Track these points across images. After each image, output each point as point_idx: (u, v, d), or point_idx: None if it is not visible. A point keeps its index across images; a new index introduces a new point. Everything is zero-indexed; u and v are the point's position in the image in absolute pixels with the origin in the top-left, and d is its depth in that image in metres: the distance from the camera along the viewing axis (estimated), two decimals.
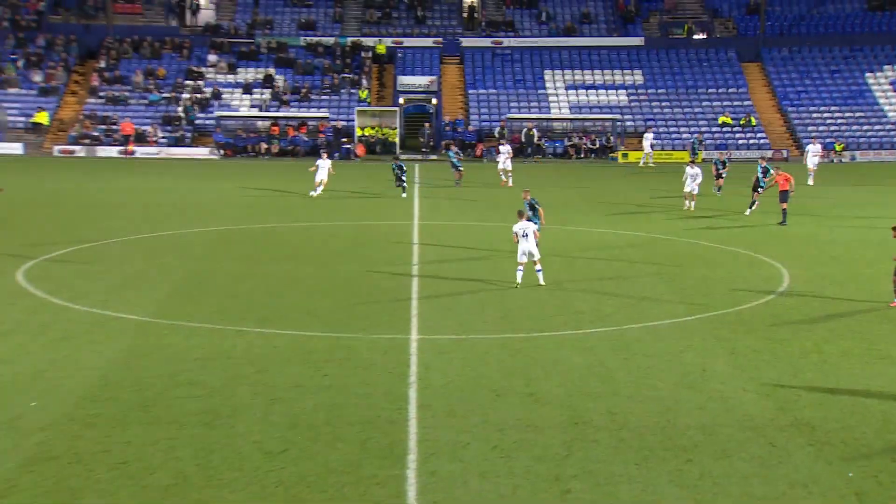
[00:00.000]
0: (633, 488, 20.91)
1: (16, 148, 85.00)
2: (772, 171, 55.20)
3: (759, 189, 55.82)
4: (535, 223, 40.04)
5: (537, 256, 37.36)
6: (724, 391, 27.07)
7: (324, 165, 62.94)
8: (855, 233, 52.38)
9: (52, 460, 22.21)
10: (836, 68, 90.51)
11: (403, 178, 61.72)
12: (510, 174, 68.60)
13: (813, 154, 70.25)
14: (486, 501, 20.35)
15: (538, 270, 37.62)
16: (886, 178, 75.50)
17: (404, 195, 60.89)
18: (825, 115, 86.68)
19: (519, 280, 37.29)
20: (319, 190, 61.62)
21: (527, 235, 36.89)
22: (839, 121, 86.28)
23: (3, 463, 22.04)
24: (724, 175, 62.63)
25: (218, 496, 20.42)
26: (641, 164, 79.66)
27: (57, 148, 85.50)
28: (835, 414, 25.23)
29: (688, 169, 55.68)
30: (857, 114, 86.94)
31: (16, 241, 46.78)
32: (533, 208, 42.11)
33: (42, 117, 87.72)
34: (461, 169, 68.43)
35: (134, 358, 29.45)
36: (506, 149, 70.07)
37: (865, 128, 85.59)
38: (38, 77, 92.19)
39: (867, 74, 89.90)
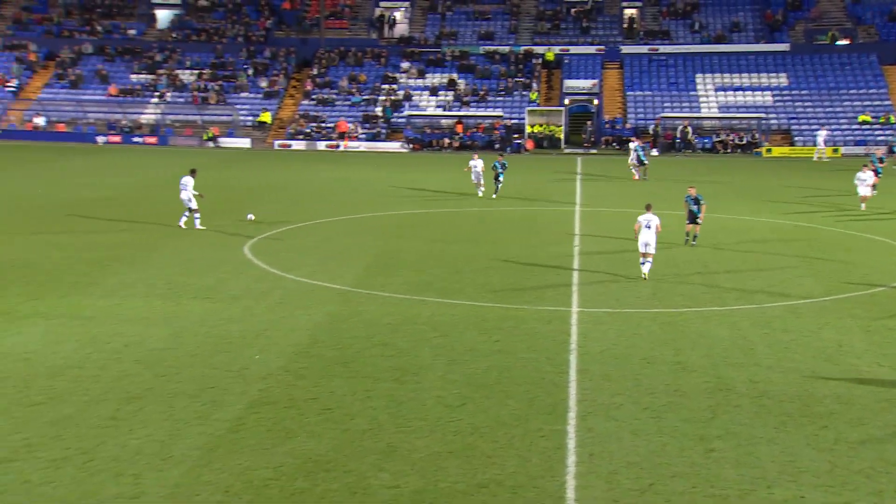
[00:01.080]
0: (772, 449, 21.00)
1: (244, 143, 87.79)
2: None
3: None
4: (697, 216, 40.68)
5: (653, 250, 35.85)
6: (859, 365, 26.81)
7: (476, 166, 59.05)
8: None
9: (271, 404, 23.26)
10: None
11: (501, 177, 55.74)
12: (637, 167, 67.00)
13: None
14: (637, 456, 20.60)
15: (643, 263, 36.00)
16: None
17: (494, 196, 55.31)
18: None
19: (645, 272, 35.96)
20: (481, 192, 58.44)
21: (650, 227, 35.60)
22: None
23: (234, 404, 23.20)
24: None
25: (406, 441, 21.14)
26: (815, 159, 77.50)
27: (276, 142, 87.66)
28: None
29: (859, 174, 52.03)
30: None
31: (242, 222, 48.11)
32: (697, 202, 41.30)
33: (265, 117, 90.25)
34: (646, 163, 66.94)
35: (336, 321, 30.44)
36: (634, 145, 68.24)
37: None
38: (263, 83, 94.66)
39: None
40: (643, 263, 36.08)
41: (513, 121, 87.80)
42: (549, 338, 28.88)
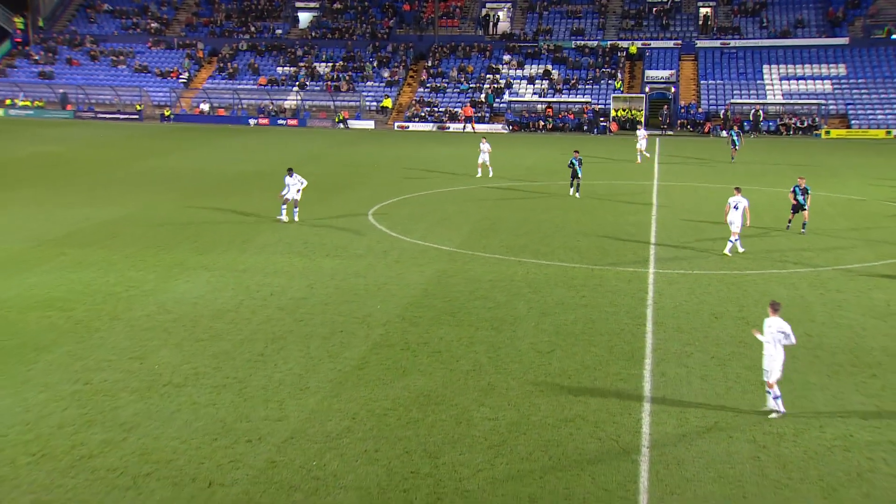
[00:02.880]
0: (824, 394, 20.79)
1: (369, 124, 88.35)
2: None
3: None
4: (804, 205, 37.31)
5: (738, 228, 33.73)
6: None
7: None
8: None
9: (390, 347, 23.49)
10: None
11: (580, 173, 46.50)
12: (644, 152, 63.25)
13: None
14: (705, 398, 20.46)
15: (731, 241, 33.94)
16: None
17: (577, 194, 46.79)
18: None
19: (727, 251, 33.79)
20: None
21: (738, 208, 33.65)
22: None
23: (359, 346, 23.53)
24: None
25: (503, 381, 21.20)
26: None
27: (396, 124, 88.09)
28: None
29: None
30: None
31: (368, 192, 48.60)
32: (805, 192, 37.80)
33: (387, 102, 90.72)
34: (738, 146, 63.72)
35: (444, 277, 30.54)
36: (642, 132, 65.20)
37: None
38: (385, 73, 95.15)
39: None
40: (730, 242, 34.11)
41: (600, 106, 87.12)
42: (628, 294, 28.70)
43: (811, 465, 17.21)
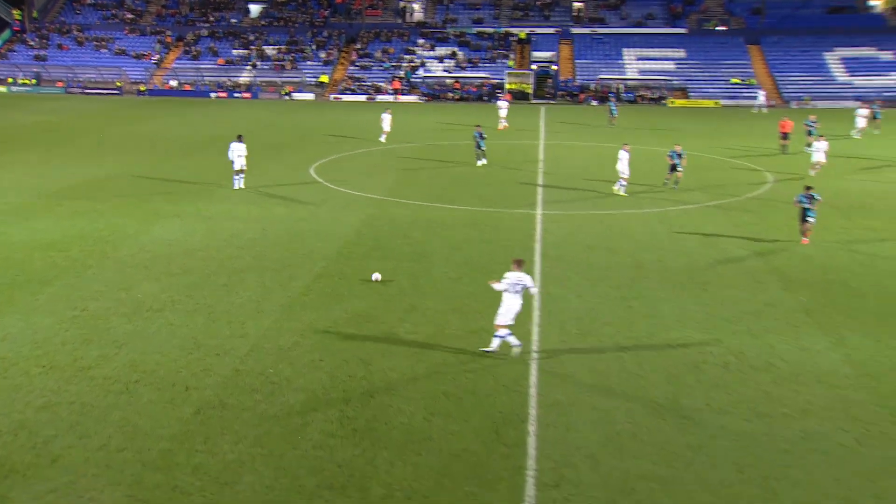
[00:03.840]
0: (669, 305, 21.38)
1: (310, 96, 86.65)
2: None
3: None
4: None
5: (626, 174, 34.89)
6: (728, 248, 27.07)
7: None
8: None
9: (330, 277, 23.55)
10: (806, 49, 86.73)
11: (483, 145, 42.89)
12: (504, 121, 59.19)
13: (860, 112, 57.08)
14: (580, 312, 20.92)
15: (621, 183, 35.21)
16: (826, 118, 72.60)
17: (481, 162, 42.98)
18: (798, 80, 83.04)
19: (620, 190, 35.27)
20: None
21: (622, 158, 34.85)
22: (801, 83, 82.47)
23: (305, 277, 23.50)
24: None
25: (422, 302, 21.42)
26: (754, 112, 74.82)
27: (332, 96, 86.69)
28: (795, 262, 25.09)
29: (815, 143, 40.84)
30: (812, 81, 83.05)
31: (310, 151, 48.11)
32: (680, 156, 36.36)
33: (324, 78, 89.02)
34: (615, 115, 62.71)
35: (373, 220, 30.54)
36: (504, 102, 62.36)
37: (820, 88, 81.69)
38: (322, 54, 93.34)
39: (825, 54, 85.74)
40: (620, 184, 35.48)
41: (497, 80, 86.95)
42: (521, 232, 29.04)
43: (657, 359, 17.80)
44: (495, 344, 17.68)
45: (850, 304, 21.58)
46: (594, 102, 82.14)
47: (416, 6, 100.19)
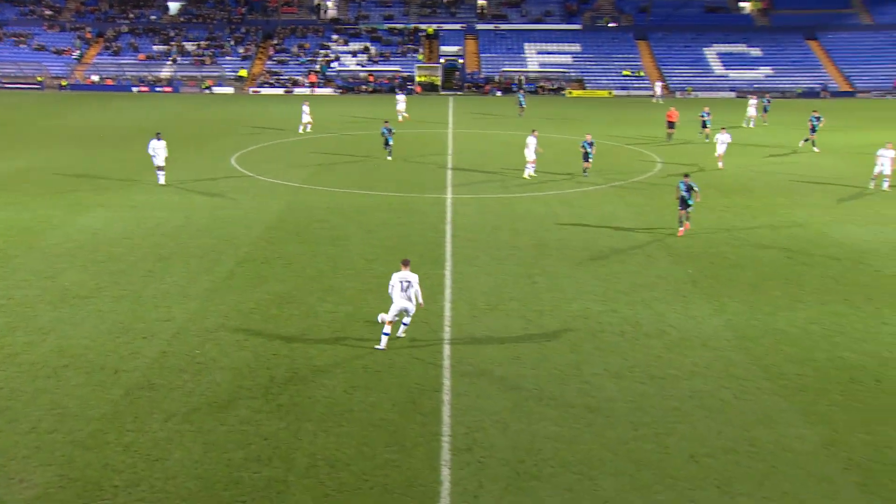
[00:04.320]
0: (570, 281, 21.69)
1: (229, 90, 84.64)
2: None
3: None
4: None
5: (532, 157, 35.72)
6: (623, 226, 27.60)
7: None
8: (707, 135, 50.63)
9: (252, 261, 23.19)
10: (687, 45, 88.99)
11: (391, 141, 40.98)
12: (404, 113, 57.26)
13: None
14: (488, 288, 21.06)
15: (529, 168, 36.60)
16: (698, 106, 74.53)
17: (389, 158, 41.02)
18: (681, 73, 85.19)
19: (526, 174, 35.87)
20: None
21: (529, 145, 35.48)
22: (684, 76, 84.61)
23: (229, 261, 23.07)
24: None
25: (340, 283, 21.28)
26: (654, 101, 75.82)
27: (251, 89, 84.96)
28: (682, 238, 25.72)
29: (719, 135, 38.89)
30: (694, 73, 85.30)
31: (230, 142, 47.15)
32: (591, 144, 35.93)
33: (243, 73, 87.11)
34: (524, 106, 62.49)
35: (292, 206, 30.17)
36: (402, 95, 59.87)
37: (700, 80, 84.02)
38: (241, 50, 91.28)
39: (704, 49, 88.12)
40: (529, 168, 36.22)
41: (407, 73, 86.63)
42: (432, 215, 29.06)
43: (561, 330, 18.10)
44: (383, 342, 16.86)
45: (730, 274, 22.29)
46: (499, 93, 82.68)
47: (329, 3, 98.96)
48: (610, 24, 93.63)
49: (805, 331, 18.27)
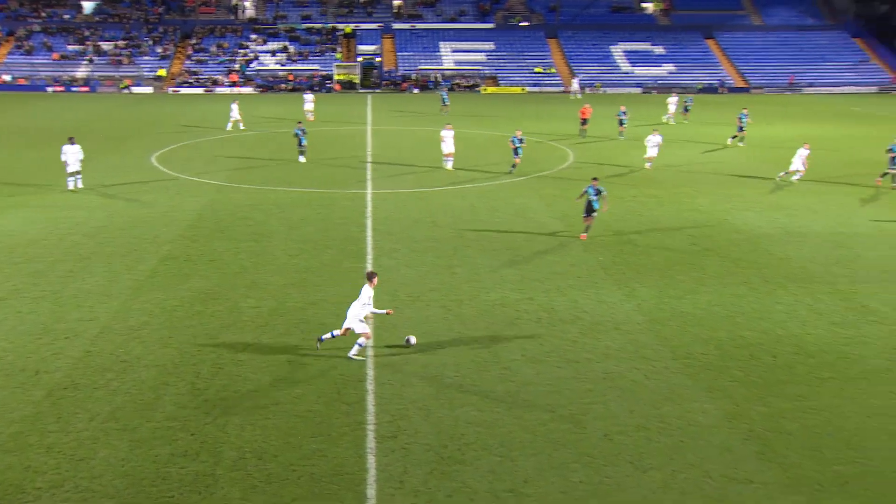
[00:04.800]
0: (489, 271, 21.90)
1: (148, 89, 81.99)
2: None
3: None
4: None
5: (451, 149, 35.87)
6: (537, 217, 27.93)
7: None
8: (611, 129, 51.15)
9: (175, 259, 22.68)
10: (595, 43, 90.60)
11: (304, 142, 38.69)
12: (312, 112, 55.48)
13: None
14: (410, 279, 21.09)
15: (447, 160, 36.25)
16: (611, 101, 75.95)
17: (302, 159, 38.65)
18: (590, 69, 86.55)
19: (448, 167, 36.14)
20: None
21: (446, 140, 35.67)
22: (593, 72, 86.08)
23: (151, 260, 22.52)
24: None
25: (263, 279, 21.01)
26: (571, 98, 76.25)
27: (170, 88, 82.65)
28: (594, 227, 26.14)
29: (650, 137, 37.16)
30: (602, 70, 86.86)
31: (150, 141, 45.88)
32: (521, 141, 35.41)
33: (162, 72, 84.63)
34: (447, 104, 61.46)
35: (215, 204, 29.59)
36: (309, 95, 57.43)
37: (608, 76, 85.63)
38: (159, 49, 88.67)
39: (610, 48, 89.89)
40: (447, 161, 36.43)
41: (326, 72, 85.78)
42: (353, 210, 28.90)
43: (481, 319, 18.27)
44: (354, 350, 16.16)
45: (639, 261, 22.84)
46: (416, 90, 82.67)
47: (247, 3, 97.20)
48: (521, 23, 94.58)
49: (708, 312, 18.87)
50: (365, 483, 11.93)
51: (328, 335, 16.23)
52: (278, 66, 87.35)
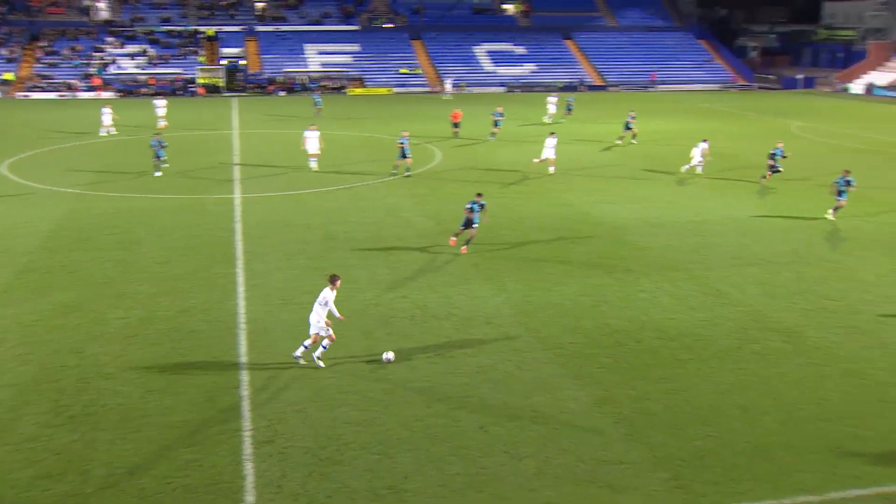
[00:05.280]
0: (362, 270, 21.85)
1: None
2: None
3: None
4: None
5: (313, 151, 35.93)
6: (409, 217, 28.05)
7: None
8: (481, 129, 51.93)
9: (33, 271, 21.53)
10: (459, 44, 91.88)
11: (161, 155, 35.52)
12: (164, 119, 51.79)
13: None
14: (281, 283, 20.81)
15: (312, 161, 36.51)
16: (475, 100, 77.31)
17: (158, 173, 35.24)
18: (455, 70, 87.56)
19: (313, 166, 36.17)
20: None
21: (309, 139, 35.70)
22: (457, 73, 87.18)
23: (5, 274, 21.26)
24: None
25: (131, 288, 20.24)
26: (444, 98, 75.53)
27: (19, 94, 77.87)
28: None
29: (548, 139, 36.18)
30: (466, 70, 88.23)
31: (0, 150, 43.24)
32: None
33: (9, 76, 79.60)
34: (320, 106, 59.90)
35: (76, 213, 28.21)
36: (161, 102, 54.26)
37: (472, 76, 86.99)
38: (4, 51, 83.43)
39: (474, 48, 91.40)
40: (311, 161, 36.39)
41: (189, 75, 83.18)
42: (222, 215, 28.20)
43: (355, 319, 18.19)
44: (298, 351, 15.73)
45: (508, 255, 23.32)
46: (282, 93, 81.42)
47: (101, 4, 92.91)
48: (385, 25, 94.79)
49: (575, 303, 19.49)
50: (243, 490, 11.68)
51: (300, 349, 15.65)
52: (138, 70, 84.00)
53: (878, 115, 62.44)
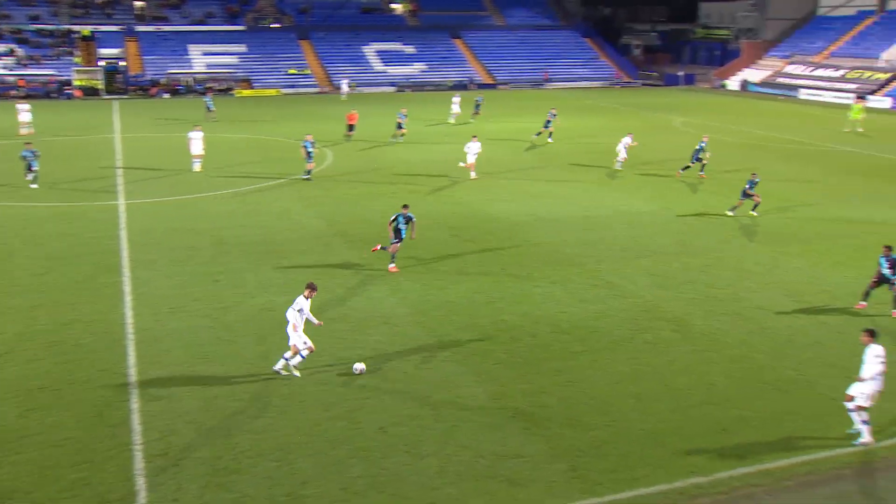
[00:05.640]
0: (253, 275, 21.47)
1: None
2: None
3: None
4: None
5: (197, 153, 35.36)
6: (300, 219, 27.71)
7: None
8: (375, 130, 51.79)
9: None
10: (348, 43, 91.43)
11: (35, 166, 32.68)
12: (29, 125, 49.01)
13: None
14: (171, 290, 20.22)
15: (195, 162, 35.81)
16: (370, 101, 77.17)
17: (34, 186, 32.52)
18: (344, 70, 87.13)
19: (196, 168, 35.66)
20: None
21: (194, 138, 35.29)
22: (347, 72, 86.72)
23: None
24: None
25: (4, 302, 19.26)
26: (343, 98, 74.23)
27: None
28: (356, 223, 26.34)
29: (470, 144, 35.04)
30: (356, 70, 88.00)
31: None
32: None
33: None
34: (212, 109, 57.19)
35: None
36: (25, 107, 51.06)
37: (362, 76, 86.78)
38: None
39: (363, 48, 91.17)
40: (195, 162, 35.95)
41: (64, 77, 79.60)
42: (106, 223, 27.12)
43: (248, 325, 17.88)
44: (279, 364, 15.35)
45: (402, 254, 23.29)
46: (166, 95, 78.98)
47: None
48: (272, 25, 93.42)
49: (471, 300, 19.69)
50: None
51: (281, 362, 15.19)
52: (6, 72, 79.82)
53: (752, 110, 65.60)
